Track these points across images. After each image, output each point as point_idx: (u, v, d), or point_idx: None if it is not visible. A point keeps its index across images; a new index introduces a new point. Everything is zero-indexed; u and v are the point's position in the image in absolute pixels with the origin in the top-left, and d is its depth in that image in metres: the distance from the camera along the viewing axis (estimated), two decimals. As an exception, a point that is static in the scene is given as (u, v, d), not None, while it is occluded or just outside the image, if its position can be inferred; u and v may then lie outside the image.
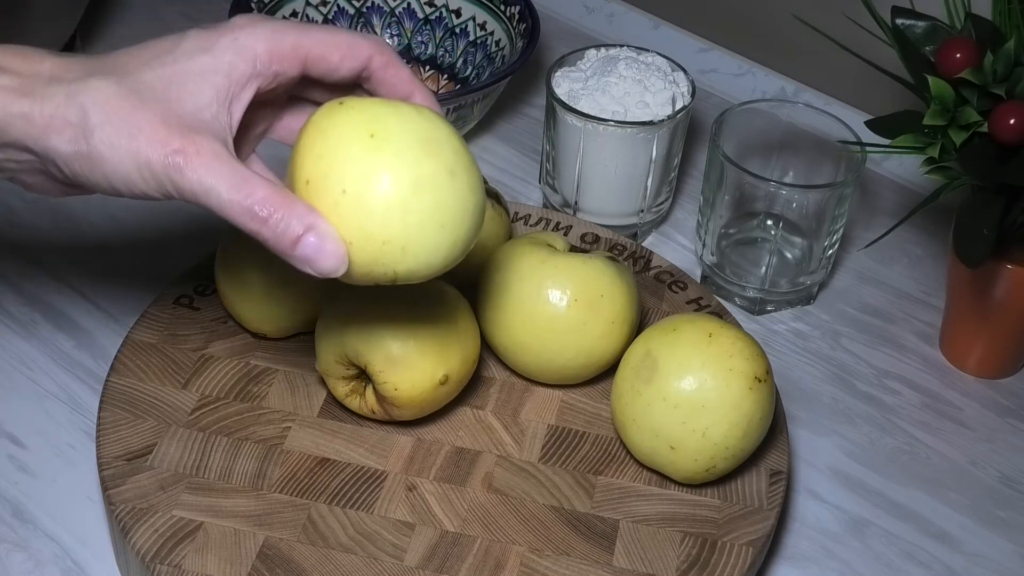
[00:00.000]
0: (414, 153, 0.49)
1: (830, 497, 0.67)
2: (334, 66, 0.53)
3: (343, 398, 0.62)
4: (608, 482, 0.62)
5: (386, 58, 0.54)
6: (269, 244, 0.49)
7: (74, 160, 0.49)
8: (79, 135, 0.49)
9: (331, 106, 0.51)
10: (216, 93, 0.50)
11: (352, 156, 0.49)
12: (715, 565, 0.58)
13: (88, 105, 0.49)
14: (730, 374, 0.58)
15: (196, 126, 0.49)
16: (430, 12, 0.92)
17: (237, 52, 0.51)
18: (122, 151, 0.48)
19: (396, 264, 0.50)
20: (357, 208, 0.48)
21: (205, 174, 0.48)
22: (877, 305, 0.80)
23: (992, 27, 0.66)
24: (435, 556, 0.58)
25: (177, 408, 0.63)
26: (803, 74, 0.92)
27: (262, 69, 0.51)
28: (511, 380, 0.67)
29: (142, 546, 0.57)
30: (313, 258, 0.49)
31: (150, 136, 0.48)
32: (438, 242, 0.50)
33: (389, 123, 0.50)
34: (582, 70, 0.80)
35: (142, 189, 0.49)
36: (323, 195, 0.49)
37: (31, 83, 0.49)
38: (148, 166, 0.48)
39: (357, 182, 0.48)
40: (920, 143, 0.66)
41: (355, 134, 0.49)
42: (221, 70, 0.50)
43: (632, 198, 0.79)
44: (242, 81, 0.51)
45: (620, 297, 0.64)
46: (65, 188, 0.53)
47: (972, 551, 0.65)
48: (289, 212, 0.48)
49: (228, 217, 0.49)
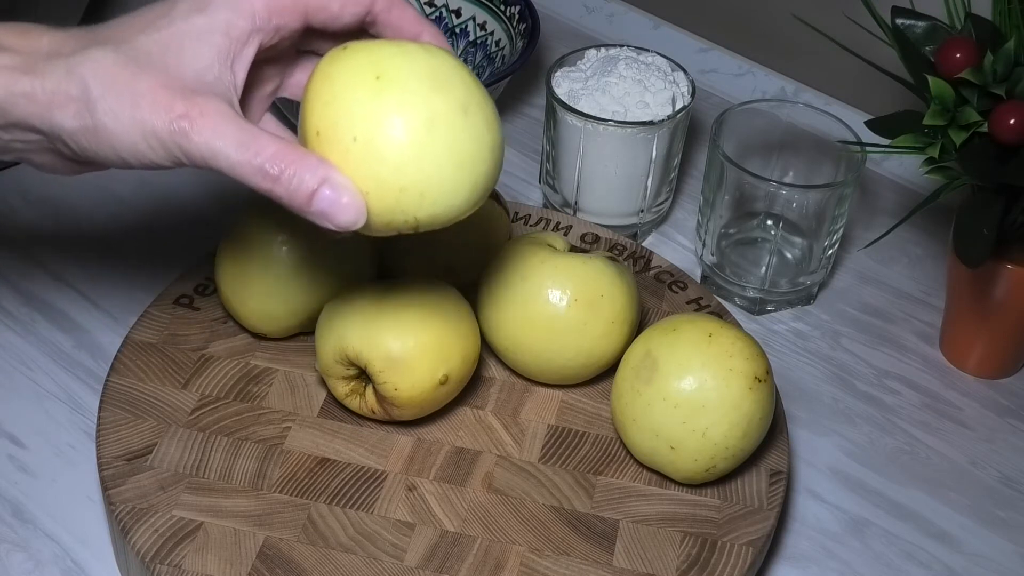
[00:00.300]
0: (423, 92, 0.47)
1: (830, 497, 0.67)
2: (335, 14, 0.52)
3: (343, 398, 0.62)
4: (608, 482, 0.62)
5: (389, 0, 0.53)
6: (284, 202, 0.47)
7: (80, 135, 0.48)
8: (83, 109, 0.48)
9: (335, 52, 0.49)
10: (216, 53, 0.49)
11: (359, 101, 0.47)
12: (715, 565, 0.58)
13: (88, 77, 0.48)
14: (730, 374, 0.58)
15: (199, 88, 0.48)
16: (430, 12, 0.92)
17: (233, 9, 0.49)
18: (126, 121, 0.47)
19: (416, 211, 0.48)
20: (369, 155, 0.47)
21: (212, 136, 0.47)
22: (877, 305, 0.80)
23: (992, 27, 0.66)
24: (435, 556, 0.58)
25: (177, 408, 0.63)
26: (803, 74, 0.92)
27: (262, 24, 0.50)
28: (511, 380, 0.67)
29: (142, 546, 0.57)
30: (330, 212, 0.47)
31: (152, 103, 0.47)
32: (457, 183, 0.48)
33: (395, 63, 0.48)
34: (582, 70, 0.80)
35: (151, 158, 0.48)
36: (334, 145, 0.47)
37: (31, 60, 0.49)
38: (154, 134, 0.47)
39: (367, 127, 0.47)
40: (920, 143, 0.66)
41: (361, 78, 0.47)
42: (219, 29, 0.49)
43: (632, 198, 0.79)
44: (242, 38, 0.49)
45: (620, 297, 0.64)
46: (76, 166, 0.52)
47: (972, 551, 0.65)
48: (301, 167, 0.47)
49: (240, 178, 0.47)
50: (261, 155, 0.47)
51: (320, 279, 0.64)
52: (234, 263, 0.65)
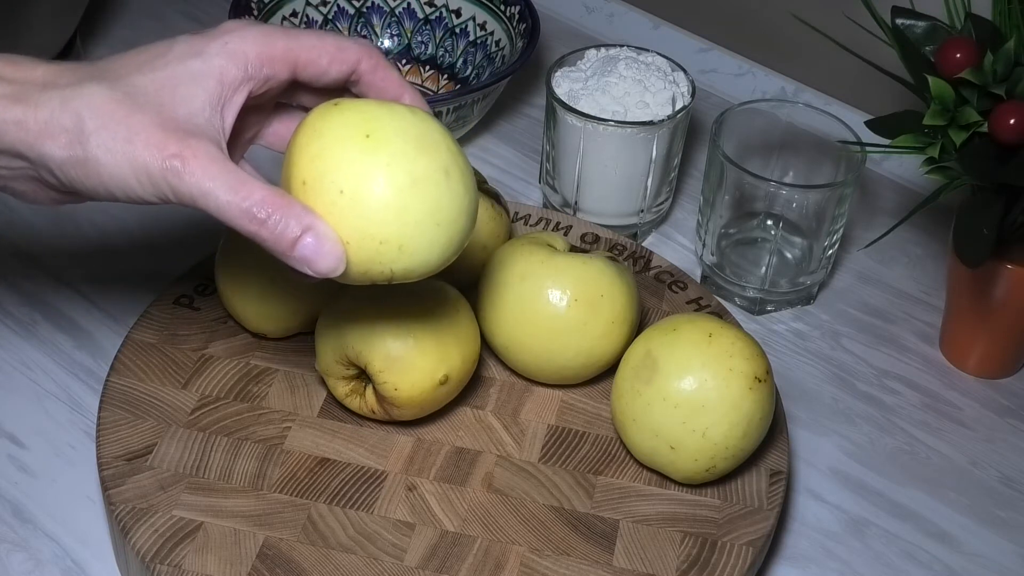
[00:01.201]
0: (410, 153, 0.49)
1: (830, 497, 0.67)
2: (323, 69, 0.53)
3: (343, 398, 0.62)
4: (608, 482, 0.62)
5: (374, 61, 0.55)
6: (267, 245, 0.49)
7: (69, 166, 0.49)
8: (74, 140, 0.49)
9: (326, 107, 0.51)
10: (208, 97, 0.50)
11: (349, 156, 0.49)
12: (715, 565, 0.58)
13: (83, 110, 0.49)
14: (730, 374, 0.58)
15: (191, 130, 0.49)
16: (430, 12, 0.92)
17: (228, 56, 0.51)
18: (119, 155, 0.48)
19: (393, 263, 0.50)
20: (354, 208, 0.49)
21: (203, 177, 0.48)
22: (877, 305, 0.80)
23: (992, 27, 0.66)
24: (435, 556, 0.58)
25: (177, 408, 0.63)
26: (803, 74, 0.92)
27: (253, 73, 0.51)
28: (511, 380, 0.67)
29: (142, 546, 0.57)
30: (311, 258, 0.49)
31: (146, 140, 0.48)
32: (434, 240, 0.50)
33: (384, 123, 0.50)
34: (582, 70, 0.80)
35: (139, 194, 0.49)
36: (320, 195, 0.49)
37: (24, 90, 0.49)
38: (145, 170, 0.48)
39: (354, 182, 0.49)
40: (920, 143, 0.66)
41: (351, 134, 0.49)
42: (213, 74, 0.50)
43: (632, 198, 0.79)
44: (234, 85, 0.51)
45: (620, 297, 0.64)
46: (58, 196, 0.52)
47: (972, 551, 0.65)
48: (287, 213, 0.48)
49: (226, 220, 0.49)
50: (249, 199, 0.48)
51: (316, 281, 0.64)
52: (234, 263, 0.65)
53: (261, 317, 0.66)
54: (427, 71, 0.92)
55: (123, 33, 0.98)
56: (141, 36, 0.97)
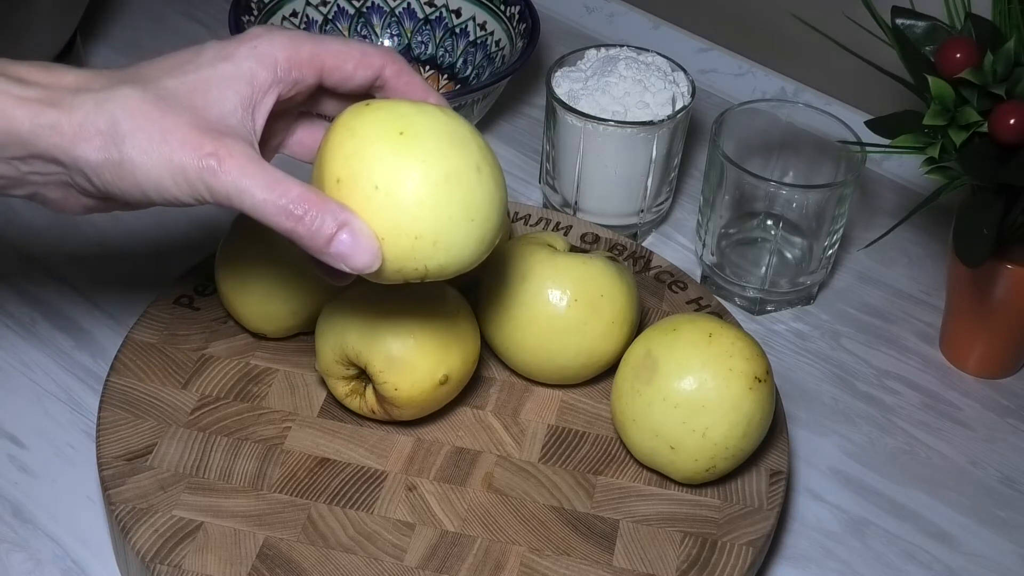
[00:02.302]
0: (443, 149, 0.50)
1: (830, 497, 0.67)
2: (349, 74, 0.54)
3: (343, 398, 0.63)
4: (608, 482, 0.62)
5: (398, 67, 0.55)
6: (304, 242, 0.49)
7: (104, 168, 0.49)
8: (109, 143, 0.49)
9: (358, 107, 0.52)
10: (240, 99, 0.51)
11: (383, 153, 0.50)
12: (715, 565, 0.58)
13: (118, 112, 0.49)
14: (730, 374, 0.58)
15: (225, 130, 0.50)
16: (430, 12, 0.92)
17: (258, 60, 0.52)
18: (155, 156, 0.49)
19: (428, 259, 0.50)
20: (389, 203, 0.49)
21: (239, 176, 0.48)
22: (877, 305, 0.80)
23: (992, 27, 0.66)
24: (435, 556, 0.58)
25: (177, 408, 0.63)
26: (803, 74, 0.92)
27: (282, 76, 0.52)
28: (511, 380, 0.67)
29: (142, 546, 0.57)
30: (348, 254, 0.49)
31: (182, 140, 0.49)
32: (468, 236, 0.51)
33: (417, 121, 0.51)
34: (582, 70, 0.80)
35: (174, 194, 0.49)
36: (355, 192, 0.49)
37: (57, 94, 0.50)
38: (182, 170, 0.49)
39: (389, 178, 0.49)
40: (920, 143, 0.66)
41: (385, 132, 0.50)
42: (243, 77, 0.51)
43: (632, 198, 0.79)
44: (264, 87, 0.52)
45: (620, 297, 0.64)
46: (90, 203, 0.53)
47: (972, 551, 0.65)
48: (323, 209, 0.49)
49: (262, 217, 0.49)
50: (286, 196, 0.49)
51: (320, 279, 0.64)
52: (234, 263, 0.65)
53: (261, 317, 0.66)
54: (427, 71, 0.92)
55: (123, 33, 0.98)
56: (141, 36, 0.98)
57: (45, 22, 0.80)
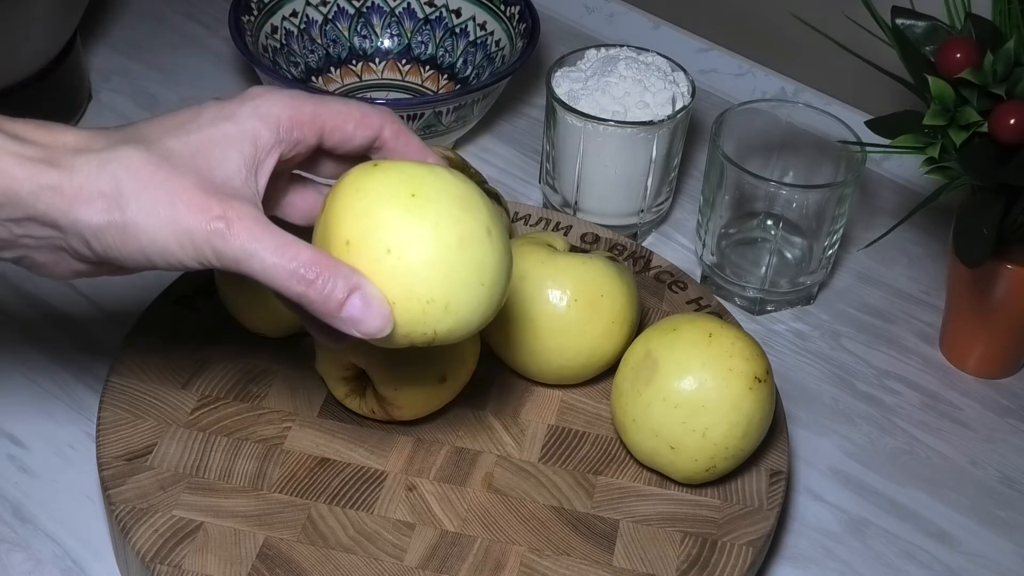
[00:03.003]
0: (455, 212, 0.49)
1: (830, 497, 0.67)
2: (349, 134, 0.53)
3: (343, 398, 0.63)
4: (608, 482, 0.62)
5: (396, 128, 0.54)
6: (315, 307, 0.48)
7: (107, 232, 0.48)
8: (113, 205, 0.47)
9: (366, 167, 0.50)
10: (243, 160, 0.50)
11: (395, 215, 0.48)
12: (715, 565, 0.58)
13: (121, 174, 0.47)
14: (730, 374, 0.58)
15: (230, 192, 0.48)
16: (430, 12, 0.92)
17: (260, 119, 0.50)
18: (161, 219, 0.47)
19: (438, 323, 0.49)
20: (402, 267, 0.48)
21: (248, 239, 0.47)
22: (877, 305, 0.80)
23: (992, 27, 0.66)
24: (435, 556, 0.58)
25: (177, 408, 0.63)
26: (803, 74, 0.92)
27: (284, 135, 0.51)
28: (511, 380, 0.67)
29: (142, 546, 0.57)
30: (359, 319, 0.48)
31: (189, 203, 0.47)
32: (479, 300, 0.49)
33: (428, 183, 0.49)
34: (582, 70, 0.80)
35: (179, 258, 0.48)
36: (365, 254, 0.48)
37: (57, 154, 0.48)
38: (188, 234, 0.47)
39: (402, 241, 0.48)
40: (920, 143, 0.66)
41: (396, 193, 0.49)
42: (246, 137, 0.50)
43: (632, 198, 0.79)
44: (267, 147, 0.51)
45: (620, 297, 0.64)
46: (80, 267, 0.51)
47: (972, 551, 0.65)
48: (335, 273, 0.47)
49: (272, 282, 0.48)
50: (296, 260, 0.47)
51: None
52: (234, 263, 0.65)
53: (261, 317, 0.66)
54: (427, 71, 0.92)
55: (123, 33, 0.98)
56: (141, 36, 0.98)
57: (45, 22, 0.80)
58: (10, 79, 0.81)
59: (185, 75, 0.94)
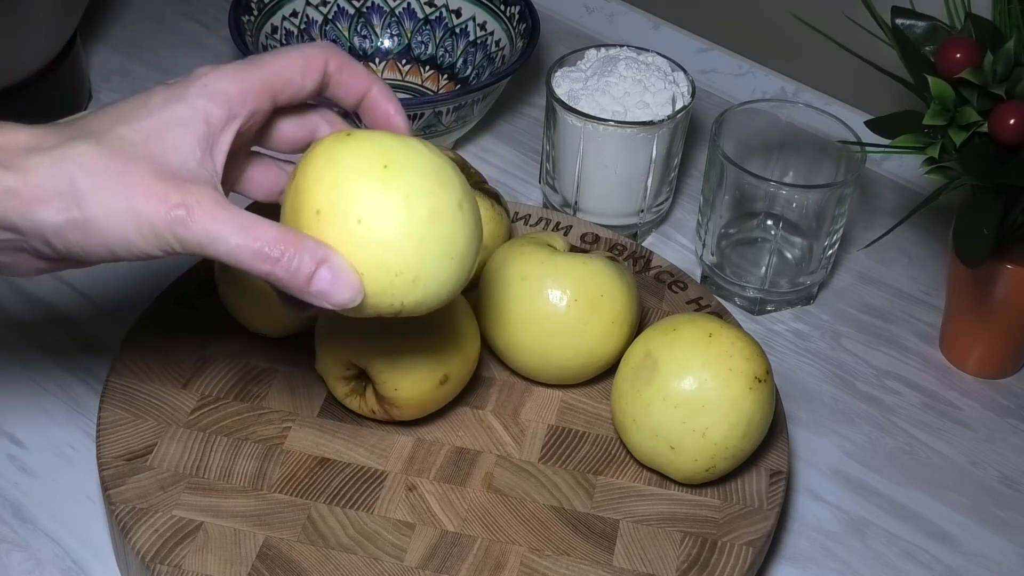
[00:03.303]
0: (428, 185, 0.49)
1: (830, 497, 0.67)
2: (300, 85, 0.53)
3: (343, 398, 0.63)
4: (608, 482, 0.62)
5: (340, 60, 0.54)
6: (283, 283, 0.48)
7: (67, 230, 0.47)
8: (71, 203, 0.47)
9: (338, 136, 0.50)
10: (197, 141, 0.49)
11: (367, 186, 0.48)
12: (715, 565, 0.58)
13: (75, 171, 0.47)
14: (730, 374, 0.58)
15: (188, 177, 0.48)
16: (430, 12, 0.92)
17: (209, 97, 0.50)
18: (120, 213, 0.47)
19: (405, 296, 0.49)
20: (372, 238, 0.48)
21: (210, 223, 0.47)
22: (877, 305, 0.80)
23: (992, 27, 0.66)
24: (435, 556, 0.58)
25: (177, 408, 0.63)
26: (803, 74, 0.92)
27: (237, 110, 0.51)
28: (511, 380, 0.67)
29: (142, 546, 0.57)
30: (328, 292, 0.48)
31: (146, 193, 0.47)
32: (448, 274, 0.50)
33: (401, 155, 0.49)
34: (582, 70, 0.80)
35: (142, 249, 0.48)
36: (336, 225, 0.48)
37: (10, 156, 0.48)
38: (149, 224, 0.47)
39: (373, 212, 0.48)
40: (920, 143, 0.66)
41: (369, 164, 0.49)
42: (198, 117, 0.50)
43: (632, 198, 0.79)
44: (220, 125, 0.50)
45: (620, 297, 0.64)
46: (44, 265, 0.51)
47: (972, 551, 0.65)
48: (300, 249, 0.47)
49: (238, 263, 0.48)
50: (261, 239, 0.47)
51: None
52: (234, 263, 0.65)
53: (261, 317, 0.66)
54: (427, 71, 0.92)
55: (123, 33, 0.98)
56: (141, 36, 0.98)
57: (45, 22, 0.80)
58: (10, 79, 0.81)
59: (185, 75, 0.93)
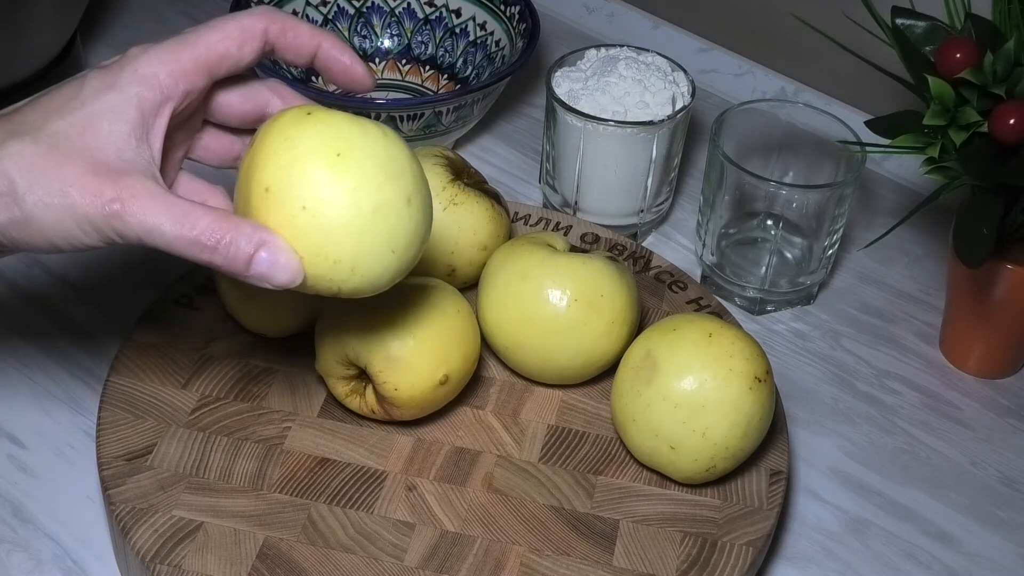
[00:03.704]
0: (378, 178, 0.50)
1: (830, 497, 0.67)
2: (238, 56, 0.53)
3: (343, 398, 0.63)
4: (608, 482, 0.62)
5: (280, 24, 0.54)
6: (223, 269, 0.49)
7: (9, 228, 0.49)
8: (10, 203, 0.48)
9: (298, 114, 0.51)
10: (132, 128, 0.50)
11: (317, 172, 0.49)
12: (715, 565, 0.58)
13: (11, 171, 0.48)
14: (730, 374, 0.58)
15: (123, 168, 0.49)
16: (430, 12, 0.92)
17: (141, 82, 0.50)
18: (58, 210, 0.48)
19: (343, 282, 0.50)
20: (315, 225, 0.49)
21: (145, 215, 0.48)
22: (877, 305, 0.80)
23: (992, 27, 0.66)
24: (435, 556, 0.58)
25: (177, 408, 0.63)
26: (803, 74, 0.92)
27: (170, 92, 0.51)
28: (511, 380, 0.67)
29: (142, 546, 0.57)
30: (268, 274, 0.49)
31: (82, 189, 0.48)
32: (387, 266, 0.51)
33: (357, 144, 0.50)
34: (582, 70, 0.80)
35: (85, 242, 0.49)
36: (281, 206, 0.49)
37: None
38: (87, 219, 0.48)
39: (319, 200, 0.49)
40: (920, 143, 0.66)
41: (322, 150, 0.49)
42: (131, 104, 0.50)
43: (632, 198, 0.79)
44: (153, 110, 0.50)
45: (620, 297, 0.64)
46: None
47: (972, 551, 0.65)
48: (236, 234, 0.48)
49: (176, 252, 0.48)
50: (196, 228, 0.48)
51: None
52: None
53: (261, 317, 0.66)
54: (427, 71, 0.92)
55: (123, 33, 0.98)
56: (141, 36, 0.97)
57: (45, 22, 0.80)
58: (10, 79, 0.81)
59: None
